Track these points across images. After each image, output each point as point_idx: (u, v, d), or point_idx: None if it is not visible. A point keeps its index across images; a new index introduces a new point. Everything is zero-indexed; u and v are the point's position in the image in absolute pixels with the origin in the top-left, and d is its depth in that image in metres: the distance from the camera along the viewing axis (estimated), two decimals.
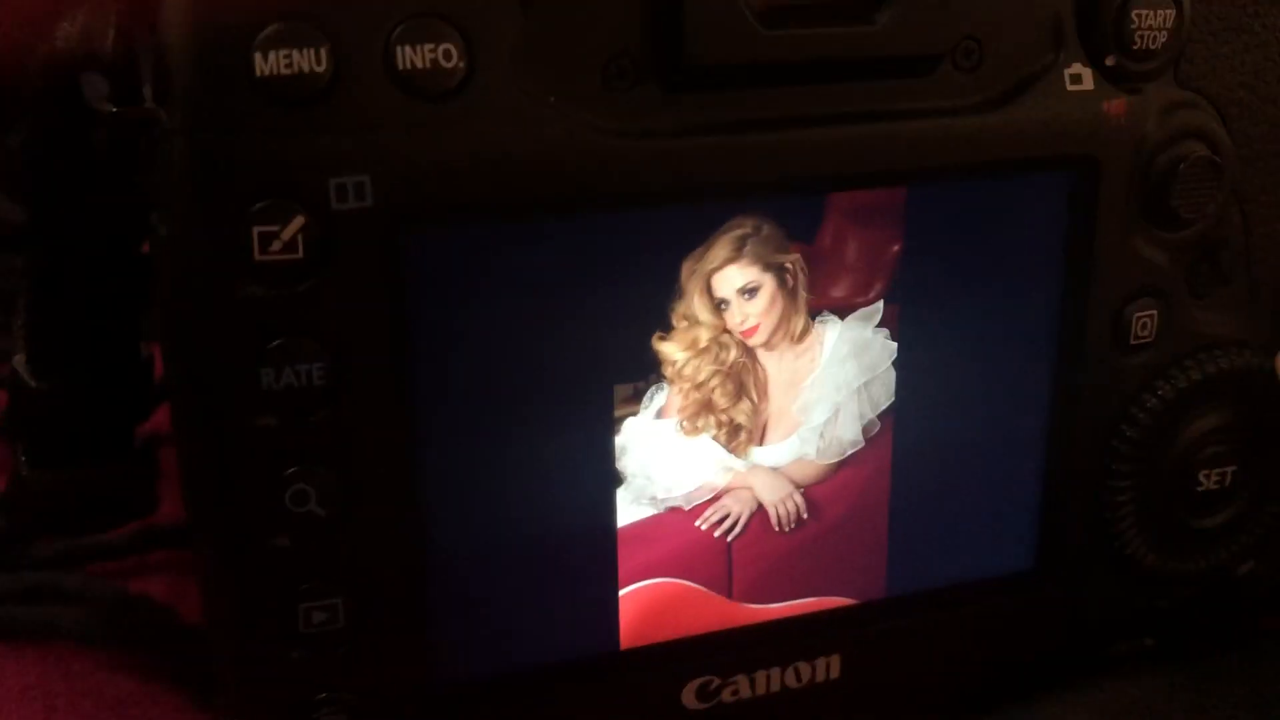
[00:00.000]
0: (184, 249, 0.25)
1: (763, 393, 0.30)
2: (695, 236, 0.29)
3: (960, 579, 0.34)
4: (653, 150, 0.27)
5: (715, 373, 0.30)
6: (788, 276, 0.30)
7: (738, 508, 0.31)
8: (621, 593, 0.31)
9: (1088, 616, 0.36)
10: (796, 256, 0.29)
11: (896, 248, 0.30)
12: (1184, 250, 0.33)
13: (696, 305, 0.29)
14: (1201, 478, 0.35)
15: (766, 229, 0.29)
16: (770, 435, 0.31)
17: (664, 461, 0.30)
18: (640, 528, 0.30)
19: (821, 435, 0.31)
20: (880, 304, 0.31)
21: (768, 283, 0.29)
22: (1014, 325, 0.32)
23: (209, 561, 0.28)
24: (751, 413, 0.30)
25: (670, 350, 0.29)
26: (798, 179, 0.29)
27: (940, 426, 0.32)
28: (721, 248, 0.29)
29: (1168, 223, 0.32)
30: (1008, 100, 0.30)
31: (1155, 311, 0.33)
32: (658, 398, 0.29)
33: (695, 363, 0.29)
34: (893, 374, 0.31)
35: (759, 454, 0.31)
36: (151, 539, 0.42)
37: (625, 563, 0.31)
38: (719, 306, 0.29)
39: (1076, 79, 0.30)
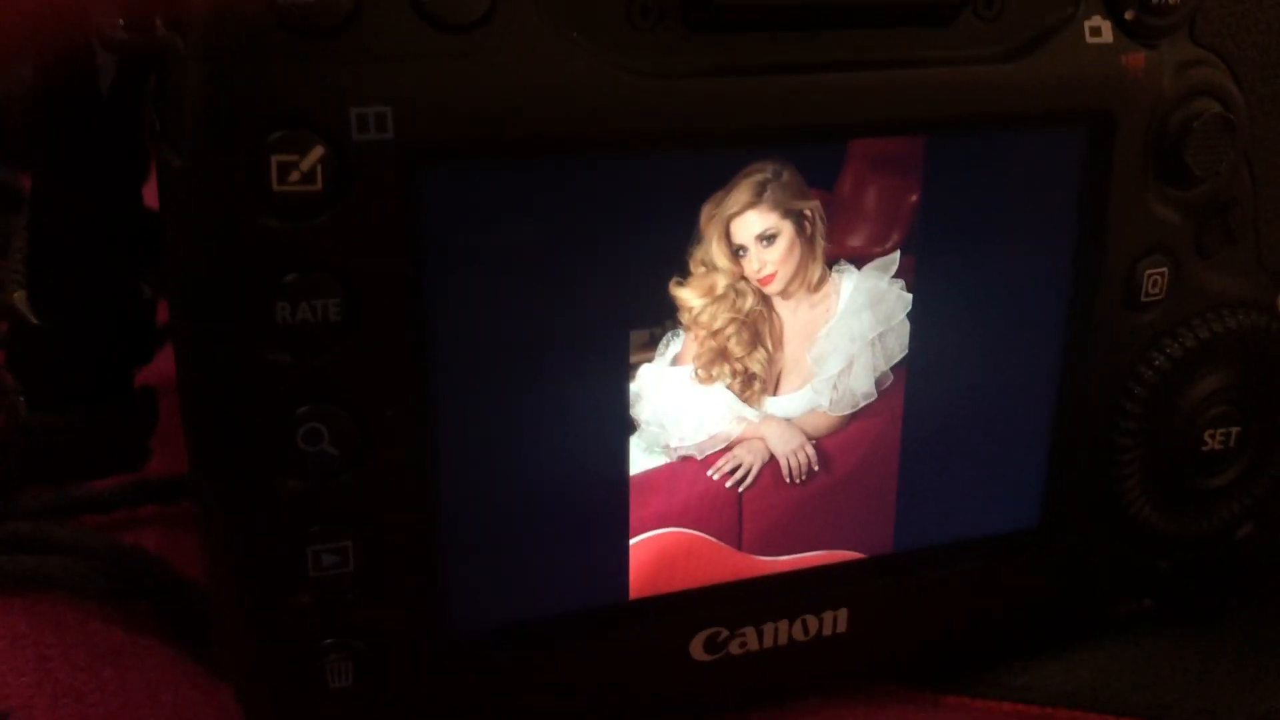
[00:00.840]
0: (199, 179, 0.25)
1: (778, 342, 0.30)
2: (715, 180, 0.28)
3: (966, 535, 0.34)
4: (673, 90, 0.27)
5: (731, 320, 0.29)
6: (806, 224, 0.29)
7: (750, 458, 0.31)
8: (632, 542, 0.30)
9: (1089, 576, 0.36)
10: (816, 203, 0.29)
11: (914, 197, 0.30)
12: (1194, 208, 0.33)
13: (715, 251, 0.29)
14: (1206, 438, 0.35)
15: (787, 174, 0.29)
16: (784, 385, 0.31)
17: (678, 410, 0.30)
18: (652, 476, 0.30)
19: (835, 386, 0.31)
20: (897, 254, 0.30)
21: (786, 229, 0.29)
22: (1026, 281, 0.32)
23: (213, 504, 0.28)
24: (766, 362, 0.30)
25: (687, 296, 0.29)
26: (817, 124, 0.28)
27: (952, 381, 0.32)
28: (742, 192, 0.28)
29: (1180, 180, 0.32)
30: (1027, 51, 0.30)
31: (1165, 269, 0.33)
32: (673, 344, 0.29)
33: (712, 309, 0.29)
34: (907, 326, 0.31)
35: (772, 404, 0.31)
36: (141, 492, 0.41)
37: (636, 511, 0.30)
38: (737, 253, 0.29)
39: (1096, 31, 0.30)
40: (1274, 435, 0.36)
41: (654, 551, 0.31)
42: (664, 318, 0.29)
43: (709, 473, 0.31)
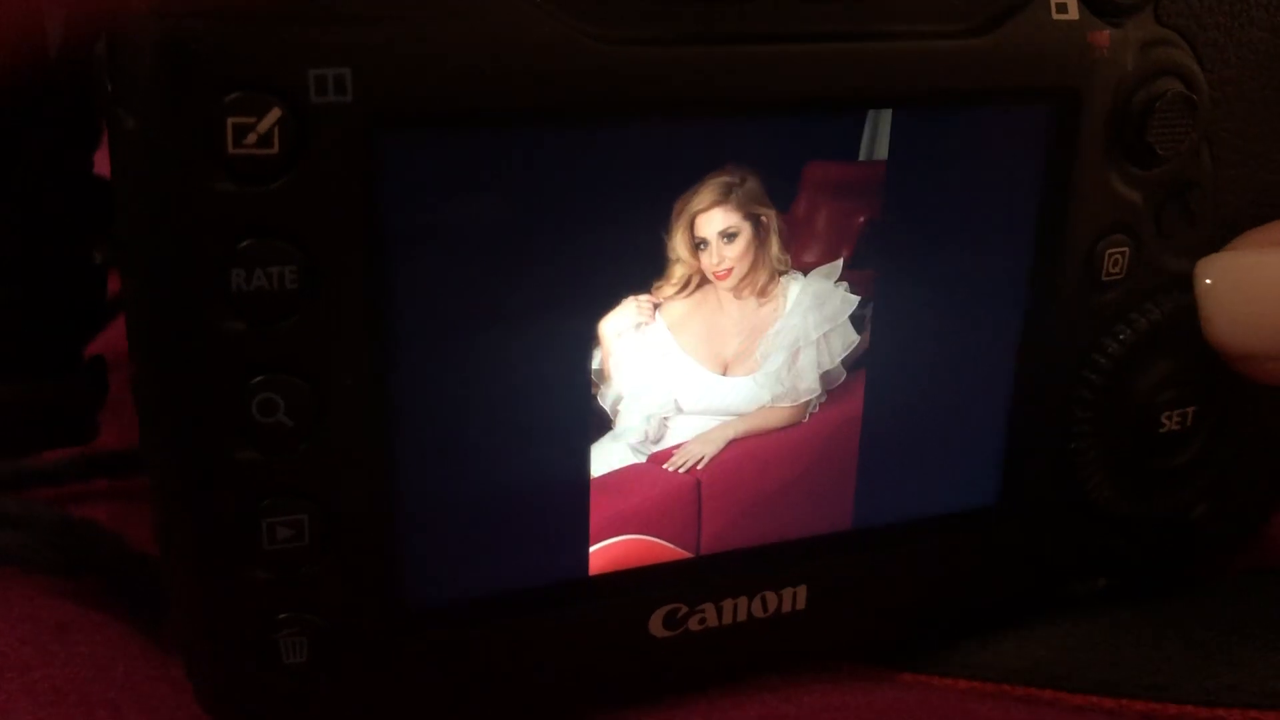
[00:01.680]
0: (152, 141, 0.24)
1: (729, 337, 0.30)
2: (684, 173, 0.28)
3: (924, 513, 0.34)
4: (637, 58, 0.26)
5: (686, 313, 0.29)
6: (761, 230, 0.29)
7: (704, 449, 0.31)
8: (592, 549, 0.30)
9: (1046, 555, 0.36)
10: (773, 212, 0.29)
11: (863, 219, 0.30)
12: (1156, 189, 0.33)
13: (679, 242, 0.29)
14: (1164, 419, 0.35)
15: (750, 183, 0.29)
16: (734, 379, 0.31)
17: (635, 395, 0.30)
18: (610, 480, 0.30)
19: (779, 380, 0.31)
20: (840, 262, 0.30)
21: (746, 230, 0.29)
22: (987, 260, 0.32)
23: (165, 475, 0.27)
24: (717, 356, 0.30)
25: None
26: (781, 94, 0.28)
27: (913, 359, 0.32)
28: (710, 191, 0.29)
29: (1142, 159, 0.32)
30: (993, 26, 0.30)
31: (1126, 249, 0.33)
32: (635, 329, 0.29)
33: (673, 300, 0.29)
34: (850, 326, 0.31)
35: (724, 397, 0.30)
36: (92, 466, 0.40)
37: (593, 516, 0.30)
38: (698, 247, 0.29)
39: (1062, 8, 0.30)
40: (1225, 416, 0.36)
41: (609, 560, 0.31)
42: (625, 294, 0.29)
43: (665, 467, 0.30)
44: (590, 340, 0.29)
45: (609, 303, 0.29)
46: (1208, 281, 0.32)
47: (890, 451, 0.33)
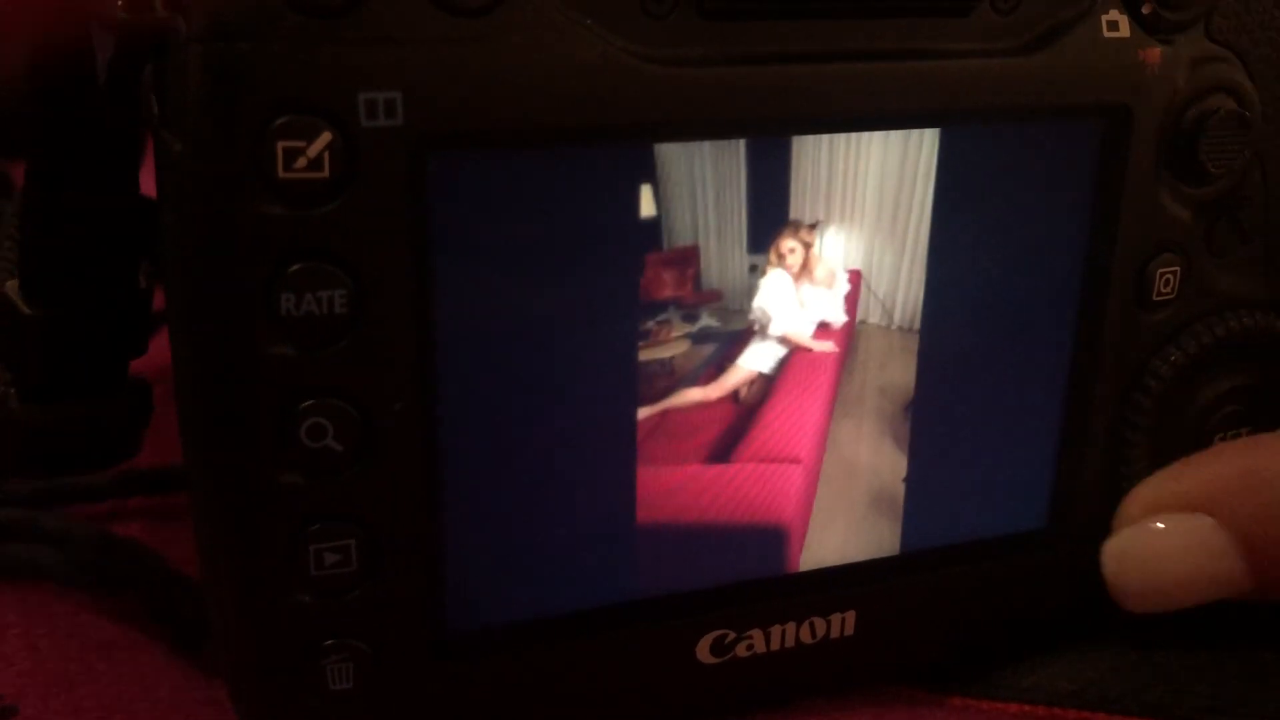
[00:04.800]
0: (200, 165, 0.24)
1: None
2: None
3: (973, 536, 0.33)
4: (687, 79, 0.26)
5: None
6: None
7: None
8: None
9: (1095, 578, 0.35)
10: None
11: None
12: (1207, 207, 0.32)
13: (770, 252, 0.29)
14: (1216, 440, 0.34)
15: None
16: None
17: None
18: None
19: None
20: None
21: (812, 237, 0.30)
22: (1037, 279, 0.32)
23: (211, 500, 0.27)
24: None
25: None
26: (831, 114, 0.28)
27: (961, 386, 0.32)
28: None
29: (1193, 177, 0.32)
30: (1044, 44, 0.29)
31: (1177, 268, 0.32)
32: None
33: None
34: None
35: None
36: (131, 484, 0.40)
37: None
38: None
39: (1113, 26, 0.30)
40: None
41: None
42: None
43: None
44: (637, 357, 0.28)
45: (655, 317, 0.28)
46: (1110, 565, 0.33)
47: (938, 475, 0.32)
